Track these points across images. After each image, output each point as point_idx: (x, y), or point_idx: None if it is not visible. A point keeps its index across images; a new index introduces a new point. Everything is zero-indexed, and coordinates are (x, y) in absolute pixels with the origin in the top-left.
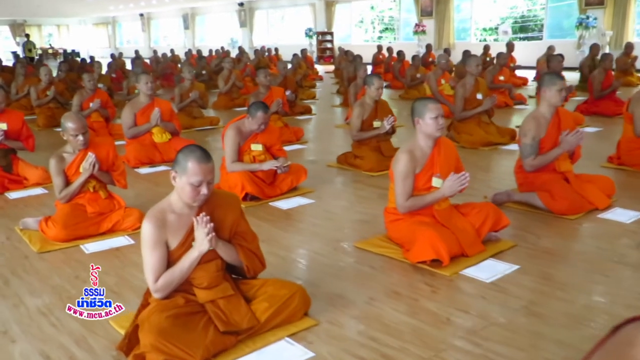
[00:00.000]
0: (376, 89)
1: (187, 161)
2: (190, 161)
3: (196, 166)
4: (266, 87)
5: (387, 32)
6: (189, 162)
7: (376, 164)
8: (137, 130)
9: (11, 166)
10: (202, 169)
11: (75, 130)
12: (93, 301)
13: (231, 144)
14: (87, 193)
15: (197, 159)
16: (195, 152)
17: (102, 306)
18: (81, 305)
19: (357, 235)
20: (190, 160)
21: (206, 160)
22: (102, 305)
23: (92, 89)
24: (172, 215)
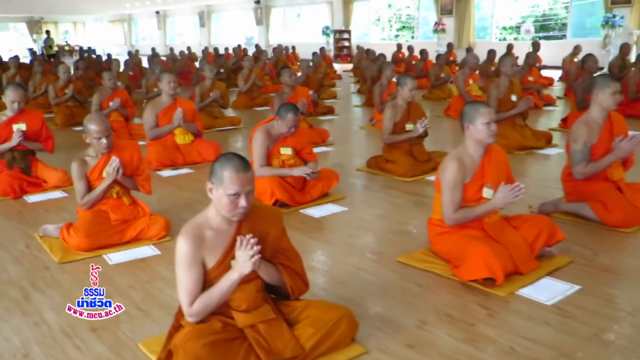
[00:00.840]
0: (409, 90)
1: (224, 171)
2: (227, 170)
3: (233, 176)
4: (291, 87)
5: (405, 31)
6: (225, 172)
7: (409, 168)
8: (159, 131)
9: (30, 168)
10: (240, 179)
11: (99, 133)
12: (93, 301)
13: (260, 147)
14: (110, 199)
15: (234, 168)
16: (232, 161)
17: (102, 306)
18: (81, 305)
19: (398, 247)
20: (226, 169)
21: (244, 169)
22: (102, 305)
23: (112, 87)
24: (210, 231)
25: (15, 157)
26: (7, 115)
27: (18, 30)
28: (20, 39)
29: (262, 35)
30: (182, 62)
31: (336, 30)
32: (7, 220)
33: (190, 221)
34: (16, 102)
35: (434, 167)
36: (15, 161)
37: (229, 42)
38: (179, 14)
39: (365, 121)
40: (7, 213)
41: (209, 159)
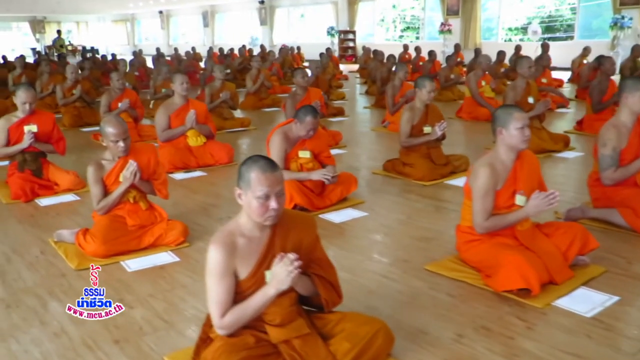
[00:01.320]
0: (428, 92)
1: (250, 173)
2: (254, 172)
3: (261, 176)
4: (303, 88)
5: (409, 31)
6: (252, 174)
7: (428, 172)
8: (172, 133)
9: (41, 170)
10: (268, 179)
11: (116, 136)
12: (93, 301)
13: (277, 151)
14: (126, 204)
15: (261, 169)
16: (258, 162)
17: (102, 306)
18: (81, 305)
19: (424, 255)
20: (253, 171)
21: (272, 169)
22: (102, 305)
23: (120, 88)
24: (242, 239)
25: (26, 159)
26: (18, 116)
27: (21, 30)
28: (22, 38)
29: (266, 35)
30: (187, 62)
31: (341, 30)
32: (19, 224)
33: (222, 229)
34: (27, 103)
35: (453, 171)
36: (27, 163)
37: (233, 43)
38: (182, 13)
39: (376, 123)
40: (19, 217)
41: (221, 162)
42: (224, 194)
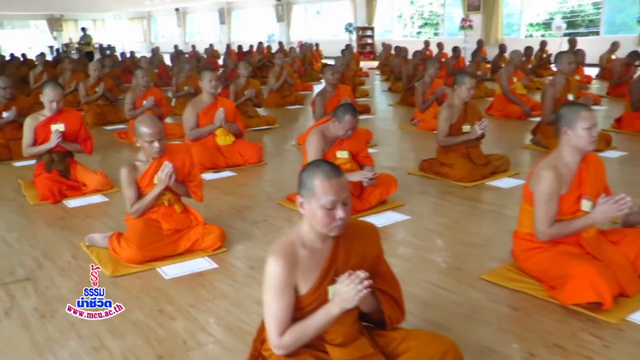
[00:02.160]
0: (467, 89)
1: (314, 180)
2: (317, 178)
3: (325, 183)
4: (333, 86)
5: (427, 27)
6: (315, 181)
7: (468, 173)
8: (200, 131)
9: (69, 171)
10: (333, 186)
11: (151, 136)
12: (93, 301)
13: (315, 151)
14: (161, 207)
15: (325, 175)
16: (321, 167)
17: (102, 306)
18: (81, 305)
19: (477, 262)
20: (316, 177)
21: (336, 175)
22: (102, 305)
23: (145, 85)
24: (304, 250)
25: (53, 159)
26: (44, 115)
27: (38, 28)
28: (40, 36)
29: (283, 32)
30: (207, 60)
31: (359, 27)
32: (48, 227)
33: (281, 239)
34: (55, 101)
35: (493, 171)
36: (54, 163)
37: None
38: (198, 11)
39: (404, 121)
40: (48, 219)
41: (251, 161)
42: (257, 195)
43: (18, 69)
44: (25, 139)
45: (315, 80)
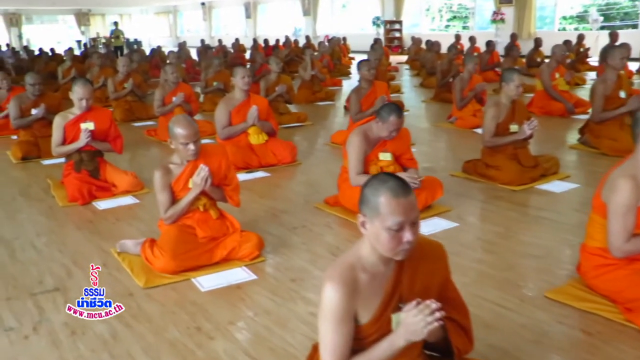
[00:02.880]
0: (516, 87)
1: (379, 197)
2: (383, 196)
3: (392, 202)
4: (369, 82)
5: (456, 21)
6: (381, 198)
7: (516, 175)
8: (233, 130)
9: (98, 171)
10: (401, 206)
11: (187, 138)
12: (93, 301)
13: (357, 153)
14: (196, 213)
15: (391, 192)
16: (388, 183)
17: (102, 306)
18: (81, 305)
19: (538, 277)
20: (382, 194)
21: (405, 192)
22: (102, 305)
23: (174, 81)
24: (364, 275)
25: (82, 158)
26: (74, 113)
27: (66, 23)
28: (68, 31)
29: (309, 26)
30: (234, 54)
31: (387, 20)
32: (77, 230)
33: (339, 261)
34: (85, 99)
35: (543, 174)
36: (83, 163)
37: (275, 34)
38: (224, 5)
39: (440, 118)
40: (77, 222)
41: (284, 161)
42: (293, 198)
43: (46, 64)
44: (54, 138)
45: (344, 75)
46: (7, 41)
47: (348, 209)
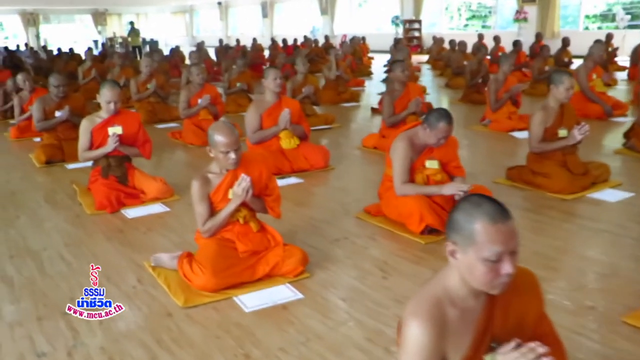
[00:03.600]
0: (566, 89)
1: (474, 223)
2: (479, 222)
3: (491, 229)
4: (402, 83)
5: (475, 20)
6: (476, 225)
7: (567, 183)
8: (264, 134)
9: (126, 177)
10: (500, 233)
11: (227, 146)
12: (93, 301)
13: (402, 160)
14: (235, 225)
15: (489, 218)
16: (483, 206)
17: (102, 306)
18: (81, 305)
19: (612, 299)
20: (477, 220)
21: (504, 217)
22: (102, 305)
23: (200, 83)
24: (453, 310)
25: (110, 164)
26: (101, 116)
27: (83, 22)
28: (84, 30)
29: (326, 25)
30: (253, 54)
31: (406, 19)
32: (107, 241)
33: (423, 294)
34: (113, 102)
35: (593, 182)
36: (111, 169)
37: (292, 33)
38: (240, 4)
39: (472, 120)
40: (107, 232)
41: (317, 166)
42: (331, 207)
43: (66, 64)
44: (81, 143)
45: (365, 75)
46: (25, 41)
47: (392, 220)
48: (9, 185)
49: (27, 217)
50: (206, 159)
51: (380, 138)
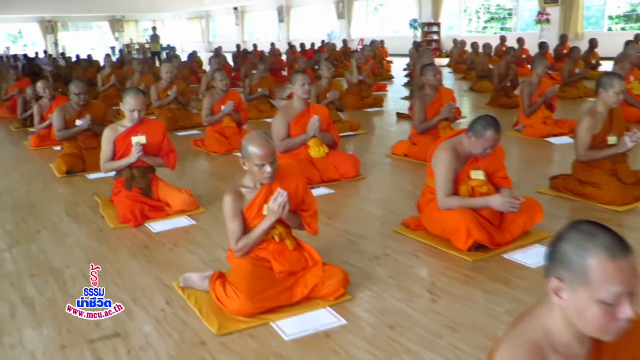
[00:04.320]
0: (616, 94)
1: (588, 258)
2: (595, 257)
3: (609, 266)
4: (434, 88)
5: (494, 22)
6: (591, 260)
7: (619, 194)
8: (292, 143)
9: (150, 189)
10: (622, 271)
11: (263, 159)
12: (93, 301)
13: (446, 171)
14: (270, 243)
15: (608, 253)
16: (600, 238)
17: (102, 306)
18: (81, 305)
19: None
20: (593, 254)
21: (624, 252)
22: (102, 305)
23: (224, 89)
24: (555, 357)
25: (134, 175)
26: (125, 125)
27: (101, 29)
28: (101, 37)
29: (343, 29)
30: (273, 59)
31: (425, 23)
32: (133, 258)
33: (518, 337)
34: (137, 110)
35: None
36: (135, 180)
37: (308, 37)
38: (257, 9)
39: (504, 126)
40: (132, 248)
41: (347, 175)
42: (367, 221)
43: (85, 72)
44: (103, 153)
45: (386, 79)
46: (44, 49)
47: (434, 235)
48: (30, 197)
49: (48, 232)
50: (230, 169)
51: (411, 146)
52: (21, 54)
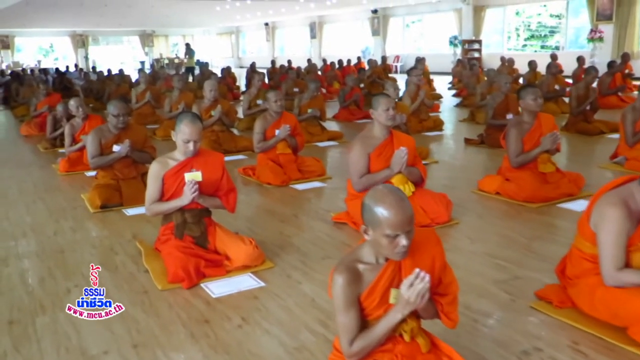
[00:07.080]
0: None
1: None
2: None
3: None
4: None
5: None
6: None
7: None
8: (372, 179)
9: (206, 237)
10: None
11: (398, 228)
12: (93, 301)
13: (617, 235)
14: (398, 344)
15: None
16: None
17: (102, 306)
18: (81, 305)
19: None
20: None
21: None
22: (102, 305)
23: (278, 111)
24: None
25: (186, 219)
26: (176, 159)
27: (131, 43)
28: (131, 51)
29: (378, 46)
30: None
31: (465, 40)
32: (191, 342)
33: None
34: (192, 141)
35: None
36: (187, 227)
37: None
38: (288, 25)
39: (596, 157)
40: (188, 322)
41: (438, 220)
42: (484, 286)
43: (118, 87)
44: (149, 192)
45: (435, 99)
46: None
47: (595, 318)
48: (58, 239)
49: (79, 292)
50: (291, 206)
51: (504, 181)
52: (52, 67)
